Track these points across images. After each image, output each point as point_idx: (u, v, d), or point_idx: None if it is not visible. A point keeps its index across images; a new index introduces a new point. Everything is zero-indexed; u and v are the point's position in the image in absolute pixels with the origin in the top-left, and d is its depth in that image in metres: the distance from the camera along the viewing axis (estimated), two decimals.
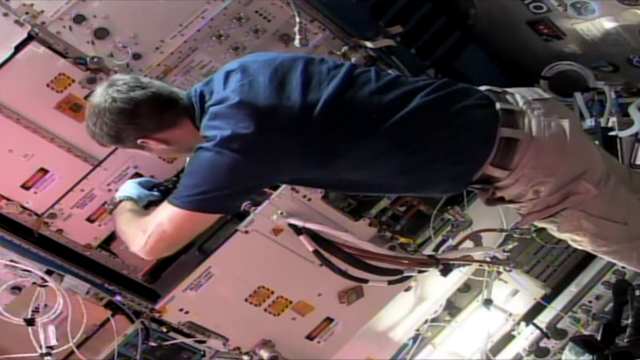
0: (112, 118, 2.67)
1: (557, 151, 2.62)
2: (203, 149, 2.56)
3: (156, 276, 3.45)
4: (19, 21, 3.02)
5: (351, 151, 2.51)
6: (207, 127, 2.60)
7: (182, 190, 2.61)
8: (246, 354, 3.23)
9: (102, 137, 2.75)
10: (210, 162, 2.53)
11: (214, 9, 3.34)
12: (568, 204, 2.63)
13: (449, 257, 2.67)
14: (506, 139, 2.56)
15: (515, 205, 2.74)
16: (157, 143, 2.74)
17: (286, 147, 2.51)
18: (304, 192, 2.89)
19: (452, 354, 4.51)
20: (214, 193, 2.54)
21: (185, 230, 2.64)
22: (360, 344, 3.79)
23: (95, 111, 2.70)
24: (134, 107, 2.66)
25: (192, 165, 2.63)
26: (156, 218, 2.66)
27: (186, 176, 2.64)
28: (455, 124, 2.60)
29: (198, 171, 2.58)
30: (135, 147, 2.78)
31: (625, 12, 3.41)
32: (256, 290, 3.13)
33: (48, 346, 3.24)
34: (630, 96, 3.90)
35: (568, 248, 4.51)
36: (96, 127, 2.72)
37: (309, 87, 2.54)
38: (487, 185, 2.65)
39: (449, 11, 4.03)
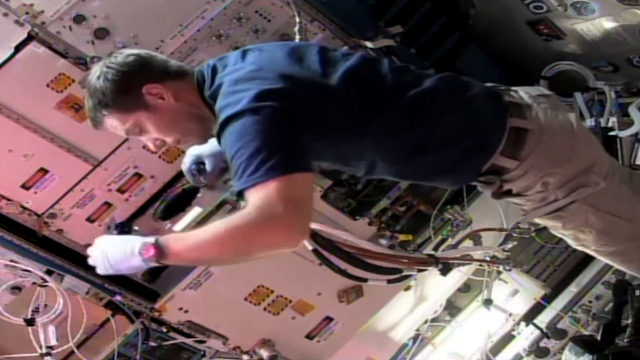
0: (119, 63, 2.50)
1: (567, 142, 2.62)
2: (233, 118, 2.27)
3: (156, 275, 3.45)
4: (19, 21, 3.01)
5: (370, 125, 2.47)
6: (228, 94, 2.36)
7: (245, 170, 2.18)
8: (246, 353, 3.23)
9: (105, 93, 2.47)
10: (249, 124, 2.23)
11: (214, 9, 3.34)
12: (576, 196, 2.60)
13: (449, 257, 2.66)
14: (516, 129, 2.54)
15: (521, 200, 2.70)
16: (165, 90, 2.50)
17: (311, 108, 2.37)
18: None
19: (452, 354, 4.52)
20: (275, 150, 2.20)
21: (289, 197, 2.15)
22: (360, 344, 3.79)
23: (99, 67, 2.53)
24: (142, 58, 2.56)
25: (232, 143, 2.25)
26: (239, 217, 2.17)
27: (235, 157, 2.23)
28: (466, 110, 2.59)
29: (244, 140, 2.22)
30: (138, 108, 2.50)
31: (625, 12, 3.41)
32: (255, 290, 3.14)
33: (48, 346, 3.25)
34: (630, 96, 3.90)
35: (568, 248, 4.50)
36: (99, 82, 2.48)
37: (326, 63, 2.50)
38: (495, 177, 2.62)
39: (449, 11, 4.03)
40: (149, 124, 2.54)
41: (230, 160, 2.25)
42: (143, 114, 2.51)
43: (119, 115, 2.52)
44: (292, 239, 2.15)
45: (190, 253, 2.23)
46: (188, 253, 2.23)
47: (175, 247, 2.23)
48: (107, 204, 3.43)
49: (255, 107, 2.25)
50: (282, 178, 2.14)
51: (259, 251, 2.18)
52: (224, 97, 2.36)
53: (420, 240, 3.87)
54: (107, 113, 2.51)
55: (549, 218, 2.74)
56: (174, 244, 2.24)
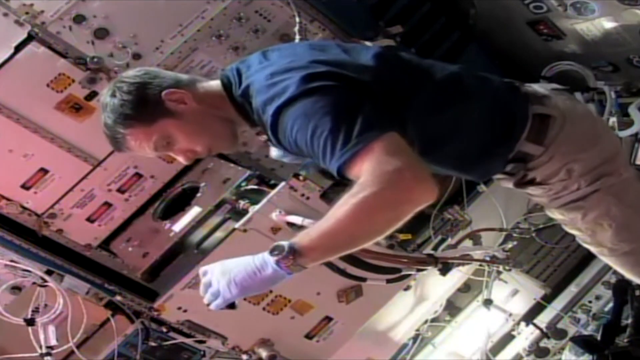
0: (130, 76, 2.41)
1: (590, 128, 2.60)
2: (286, 106, 2.16)
3: (155, 275, 3.45)
4: (19, 21, 3.03)
5: (406, 107, 2.36)
6: (267, 87, 2.25)
7: (334, 146, 2.07)
8: (245, 352, 3.22)
9: (124, 106, 2.34)
10: (310, 104, 2.13)
11: (214, 9, 3.35)
12: (600, 185, 2.56)
13: (448, 256, 2.66)
14: (539, 116, 2.51)
15: (543, 190, 2.64)
16: (185, 94, 2.39)
17: (357, 84, 2.26)
18: (302, 190, 2.89)
19: (452, 354, 4.51)
20: (355, 117, 2.08)
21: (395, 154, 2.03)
22: (360, 344, 3.79)
23: (110, 86, 2.42)
24: (151, 70, 2.49)
25: (302, 127, 2.13)
26: (363, 191, 1.99)
27: (314, 138, 2.10)
28: (492, 96, 2.55)
29: (314, 120, 2.10)
30: (161, 116, 2.37)
31: (625, 12, 3.41)
32: None
33: (48, 346, 3.25)
34: (630, 96, 3.90)
35: (568, 248, 4.52)
36: (115, 98, 2.36)
37: (350, 51, 2.44)
38: (521, 165, 2.60)
39: (449, 11, 4.03)
40: (176, 132, 2.39)
41: (308, 144, 2.12)
42: (167, 122, 2.38)
43: (142, 129, 2.37)
44: (428, 186, 2.01)
45: (327, 242, 2.07)
46: (325, 243, 2.07)
47: (309, 244, 2.06)
48: (107, 204, 3.44)
49: (307, 88, 2.15)
50: (381, 138, 2.03)
51: (403, 213, 2.02)
52: (263, 92, 2.25)
53: (421, 240, 3.87)
54: (130, 128, 2.37)
55: (568, 209, 2.67)
56: (307, 241, 2.07)
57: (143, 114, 2.36)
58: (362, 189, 1.98)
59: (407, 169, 1.99)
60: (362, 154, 2.02)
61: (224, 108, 2.43)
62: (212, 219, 3.19)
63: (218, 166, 3.43)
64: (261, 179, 3.22)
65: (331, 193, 3.38)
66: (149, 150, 2.42)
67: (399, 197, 1.99)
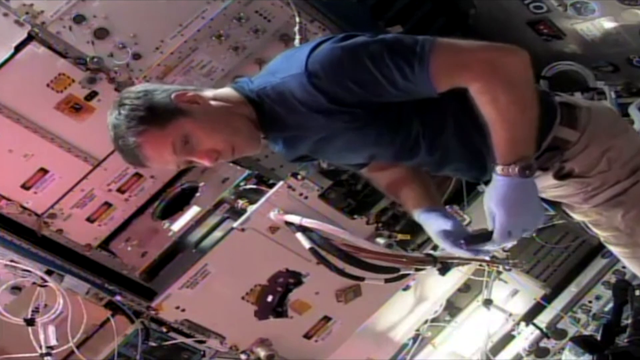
0: (132, 91, 2.27)
1: (614, 118, 2.55)
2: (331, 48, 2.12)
3: (154, 274, 3.46)
4: (19, 21, 3.03)
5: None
6: (286, 59, 2.25)
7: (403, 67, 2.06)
8: (243, 352, 3.22)
9: (134, 110, 2.21)
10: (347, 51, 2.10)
11: (214, 9, 3.35)
12: (639, 176, 2.44)
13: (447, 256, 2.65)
14: (565, 104, 2.40)
15: (581, 185, 2.50)
16: (198, 94, 2.28)
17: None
18: (300, 190, 2.89)
19: (452, 354, 4.51)
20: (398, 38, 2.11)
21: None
22: (360, 344, 3.78)
23: (112, 108, 2.27)
24: (150, 85, 2.36)
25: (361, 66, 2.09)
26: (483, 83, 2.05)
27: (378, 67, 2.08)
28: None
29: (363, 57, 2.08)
30: (175, 115, 2.22)
31: (625, 12, 3.41)
32: (253, 289, 3.12)
33: (48, 346, 3.24)
34: (630, 96, 3.90)
35: (568, 248, 4.52)
36: (123, 109, 2.22)
37: None
38: (557, 152, 2.54)
39: (449, 11, 4.03)
40: (194, 131, 2.23)
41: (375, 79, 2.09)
42: (182, 121, 2.22)
43: (157, 132, 2.21)
44: (509, 49, 2.08)
45: (523, 137, 2.10)
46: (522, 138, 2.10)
47: (519, 145, 2.09)
48: (107, 204, 3.44)
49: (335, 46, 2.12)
50: (437, 41, 2.05)
51: (526, 76, 2.07)
52: (285, 68, 2.19)
53: (421, 240, 3.87)
54: (144, 133, 2.20)
55: (608, 207, 2.53)
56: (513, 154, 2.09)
57: (155, 116, 2.20)
58: (491, 92, 2.03)
59: (493, 48, 2.06)
60: (435, 60, 2.03)
61: (240, 106, 2.30)
62: (211, 219, 3.20)
63: (217, 166, 3.43)
64: (260, 178, 3.23)
65: (331, 193, 3.39)
66: (168, 155, 2.24)
67: (516, 74, 2.04)
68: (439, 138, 2.33)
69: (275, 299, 3.00)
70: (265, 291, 3.03)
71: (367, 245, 2.56)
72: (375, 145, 2.35)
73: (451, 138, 2.34)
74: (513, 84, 2.05)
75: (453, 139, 2.34)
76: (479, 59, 2.06)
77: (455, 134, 2.33)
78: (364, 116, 2.21)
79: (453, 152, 2.38)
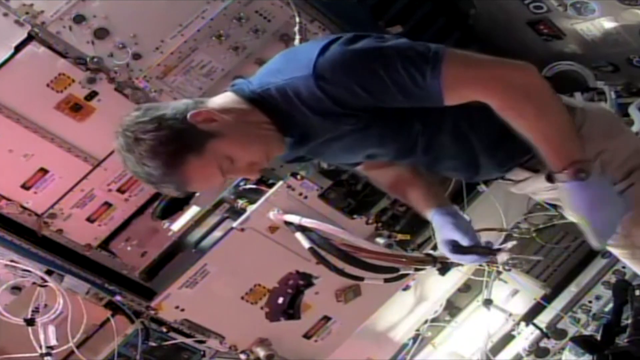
0: (136, 117, 2.15)
1: (611, 119, 2.54)
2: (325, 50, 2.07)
3: (153, 274, 3.46)
4: (19, 21, 3.03)
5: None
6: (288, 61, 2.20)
7: (415, 77, 2.05)
8: (242, 352, 3.23)
9: (163, 144, 2.10)
10: (359, 51, 2.07)
11: (214, 9, 3.35)
12: (635, 178, 2.43)
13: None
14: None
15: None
16: (209, 111, 2.18)
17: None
18: (300, 189, 2.89)
19: (452, 354, 4.51)
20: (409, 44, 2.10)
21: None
22: (360, 344, 3.79)
23: (122, 140, 2.15)
24: (149, 106, 2.23)
25: (371, 71, 2.06)
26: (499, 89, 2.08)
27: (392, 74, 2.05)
28: None
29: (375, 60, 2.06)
30: (205, 139, 2.14)
31: (625, 12, 3.41)
32: (252, 288, 3.13)
33: (48, 346, 3.24)
34: (630, 96, 3.90)
35: (568, 248, 4.52)
36: (143, 143, 2.10)
37: None
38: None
39: (449, 11, 4.03)
40: (231, 148, 2.17)
41: (385, 85, 2.06)
42: (215, 142, 2.15)
43: (196, 158, 2.14)
44: (518, 63, 2.10)
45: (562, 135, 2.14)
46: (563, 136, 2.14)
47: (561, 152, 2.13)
48: (107, 204, 3.44)
49: (347, 41, 2.09)
50: (450, 52, 2.06)
51: (544, 89, 2.11)
52: (290, 68, 2.14)
53: (421, 240, 3.88)
54: (185, 164, 2.12)
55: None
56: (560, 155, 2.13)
57: (188, 143, 2.12)
58: (515, 108, 2.07)
59: (502, 68, 2.08)
60: (448, 68, 2.03)
61: (249, 113, 2.23)
62: (211, 219, 3.20)
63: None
64: (259, 178, 3.23)
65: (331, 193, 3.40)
66: (216, 179, 2.21)
67: (532, 85, 2.07)
68: (436, 137, 2.33)
69: (286, 301, 3.00)
70: (276, 293, 3.03)
71: (366, 245, 2.56)
72: (376, 146, 2.34)
73: (447, 137, 2.33)
74: (533, 96, 2.08)
75: (449, 138, 2.34)
76: (494, 76, 2.08)
77: (452, 133, 2.32)
78: (367, 118, 2.20)
79: (448, 151, 2.38)
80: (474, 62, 2.10)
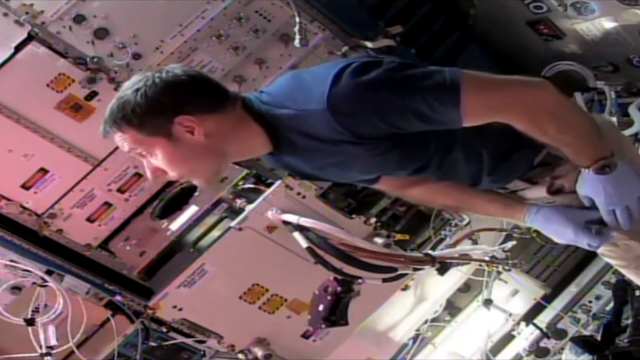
0: (170, 78, 2.13)
1: (612, 133, 2.49)
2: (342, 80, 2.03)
3: (152, 274, 3.46)
4: (19, 21, 3.03)
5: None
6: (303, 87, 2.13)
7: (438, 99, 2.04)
8: (240, 352, 3.23)
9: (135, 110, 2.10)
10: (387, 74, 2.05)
11: (214, 9, 3.35)
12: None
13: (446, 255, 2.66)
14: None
15: (572, 201, 2.44)
16: (199, 125, 2.13)
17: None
18: (298, 189, 2.90)
19: (452, 354, 4.52)
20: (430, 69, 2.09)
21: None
22: (360, 344, 3.79)
23: (146, 76, 2.14)
24: (198, 79, 2.20)
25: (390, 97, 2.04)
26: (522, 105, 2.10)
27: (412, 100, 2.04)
28: None
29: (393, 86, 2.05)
30: (160, 135, 2.14)
31: (625, 12, 3.41)
32: (250, 288, 3.14)
33: (48, 346, 3.24)
34: (630, 96, 3.90)
35: (568, 248, 4.52)
36: (137, 94, 2.11)
37: None
38: (547, 168, 2.44)
39: (449, 11, 4.03)
40: (161, 153, 2.17)
41: (403, 115, 2.06)
42: (161, 141, 2.14)
43: (135, 135, 2.15)
44: (536, 81, 2.15)
45: (588, 137, 2.19)
46: (589, 137, 2.19)
47: (586, 153, 2.19)
48: (107, 204, 3.44)
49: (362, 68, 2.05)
50: (467, 76, 2.04)
51: (564, 104, 2.14)
52: (302, 99, 2.09)
53: (421, 240, 3.88)
54: (124, 131, 2.15)
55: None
56: (591, 152, 2.19)
57: (146, 125, 2.13)
58: (538, 128, 2.10)
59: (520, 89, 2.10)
60: (468, 92, 2.02)
61: (240, 129, 2.20)
62: (210, 218, 3.20)
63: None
64: (258, 177, 3.23)
65: (331, 193, 3.40)
66: (124, 148, 2.21)
67: (551, 102, 2.10)
68: (450, 154, 2.33)
69: (325, 308, 2.99)
70: (316, 300, 3.03)
71: (364, 244, 2.57)
72: (395, 167, 2.34)
73: (460, 153, 2.34)
74: (554, 113, 2.10)
75: (461, 153, 2.34)
76: (514, 100, 2.09)
77: (464, 148, 2.32)
78: (387, 144, 2.18)
79: (459, 165, 2.38)
80: (492, 86, 2.09)
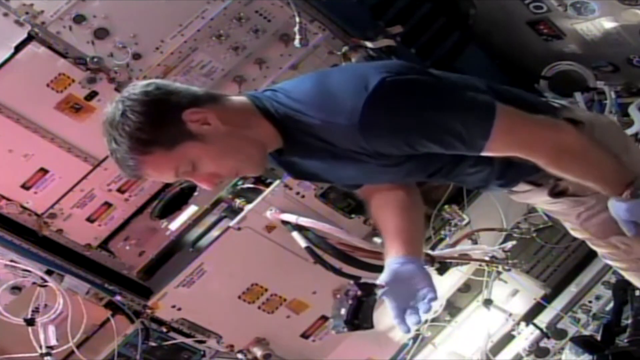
0: (140, 93, 2.04)
1: (618, 134, 2.54)
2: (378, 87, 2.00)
3: (151, 273, 3.46)
4: (19, 21, 3.03)
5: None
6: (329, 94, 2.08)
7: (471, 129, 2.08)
8: (240, 351, 3.23)
9: (140, 129, 2.00)
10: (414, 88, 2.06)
11: (214, 9, 3.35)
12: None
13: (445, 255, 2.66)
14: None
15: (576, 204, 2.50)
16: (208, 113, 2.07)
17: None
18: (297, 189, 2.90)
19: (452, 354, 4.51)
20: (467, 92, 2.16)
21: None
22: (360, 343, 3.79)
23: (115, 104, 2.06)
24: (162, 85, 2.10)
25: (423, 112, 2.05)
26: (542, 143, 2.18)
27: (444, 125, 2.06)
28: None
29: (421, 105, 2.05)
30: (183, 139, 2.04)
31: (625, 12, 3.41)
32: (249, 288, 3.14)
33: (48, 346, 3.25)
34: (630, 96, 3.90)
35: (568, 248, 4.51)
36: (128, 120, 2.00)
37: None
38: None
39: (449, 11, 4.03)
40: (201, 156, 2.08)
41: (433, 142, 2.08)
42: (191, 144, 2.05)
43: (162, 154, 2.04)
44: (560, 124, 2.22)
45: (605, 168, 2.26)
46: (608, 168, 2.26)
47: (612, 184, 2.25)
48: (107, 204, 3.44)
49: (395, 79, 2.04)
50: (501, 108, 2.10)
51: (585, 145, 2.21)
52: (328, 108, 2.05)
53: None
54: (148, 154, 2.03)
55: (604, 228, 2.51)
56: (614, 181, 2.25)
57: (163, 137, 2.03)
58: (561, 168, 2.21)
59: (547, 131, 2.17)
60: (501, 125, 2.08)
61: (254, 126, 2.15)
62: (209, 218, 3.20)
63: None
64: (258, 177, 3.23)
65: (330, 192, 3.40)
66: (169, 177, 2.13)
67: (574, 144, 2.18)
68: (459, 165, 2.34)
69: (348, 311, 2.99)
70: (338, 304, 3.02)
71: (363, 244, 2.57)
72: (403, 177, 2.34)
73: (471, 161, 2.34)
74: (577, 155, 2.20)
75: (472, 161, 2.34)
76: (540, 142, 2.17)
77: (475, 157, 2.29)
78: (402, 158, 2.18)
79: (469, 171, 2.39)
80: (522, 125, 2.15)
